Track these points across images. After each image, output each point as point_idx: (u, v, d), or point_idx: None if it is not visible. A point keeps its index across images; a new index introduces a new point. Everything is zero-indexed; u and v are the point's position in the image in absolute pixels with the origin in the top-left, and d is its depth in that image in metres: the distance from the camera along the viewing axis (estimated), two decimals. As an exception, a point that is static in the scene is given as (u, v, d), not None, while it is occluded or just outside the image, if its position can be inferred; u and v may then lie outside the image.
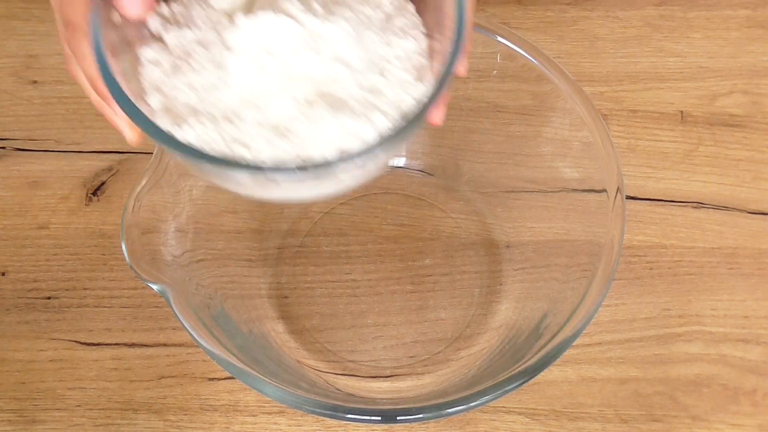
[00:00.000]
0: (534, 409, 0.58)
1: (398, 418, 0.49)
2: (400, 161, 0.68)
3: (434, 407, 0.48)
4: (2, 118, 0.69)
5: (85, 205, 0.65)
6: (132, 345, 0.60)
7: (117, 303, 0.61)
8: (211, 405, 0.58)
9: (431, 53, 0.40)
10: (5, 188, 0.66)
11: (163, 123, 0.38)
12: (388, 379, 0.59)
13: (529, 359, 0.50)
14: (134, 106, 0.37)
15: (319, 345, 0.60)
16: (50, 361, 0.59)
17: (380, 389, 0.58)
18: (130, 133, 0.43)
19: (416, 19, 0.42)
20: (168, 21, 0.40)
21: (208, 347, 0.49)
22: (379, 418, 0.49)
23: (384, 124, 0.38)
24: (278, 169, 0.36)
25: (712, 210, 0.65)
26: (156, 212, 0.53)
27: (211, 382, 0.59)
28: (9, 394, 0.58)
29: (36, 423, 0.57)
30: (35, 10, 0.74)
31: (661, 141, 0.68)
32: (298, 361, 0.58)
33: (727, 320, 0.61)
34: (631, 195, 0.65)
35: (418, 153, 0.67)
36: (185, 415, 0.58)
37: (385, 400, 0.55)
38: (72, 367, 0.59)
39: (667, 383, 0.59)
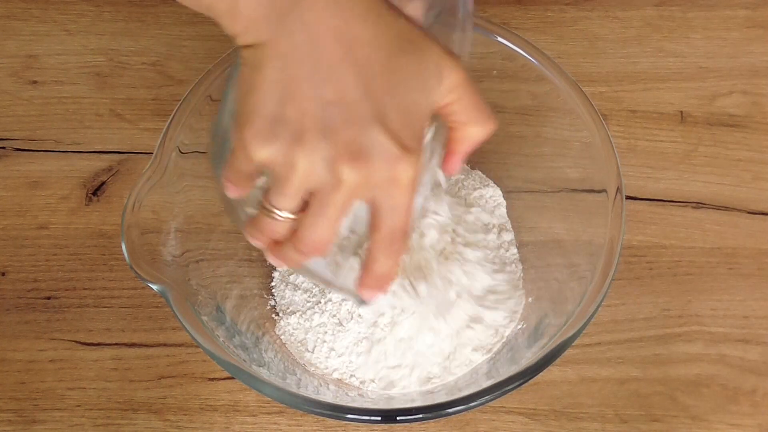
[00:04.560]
0: (534, 409, 0.58)
1: (398, 418, 0.49)
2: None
3: (434, 407, 0.48)
4: (2, 118, 0.69)
5: (85, 205, 0.65)
6: (132, 345, 0.60)
7: (117, 303, 0.61)
8: (211, 405, 0.58)
9: None
10: (5, 188, 0.66)
11: None
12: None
13: (529, 359, 0.50)
14: None
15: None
16: (50, 361, 0.59)
17: (380, 389, 0.57)
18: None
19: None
20: None
21: (208, 347, 0.49)
22: (379, 418, 0.49)
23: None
24: None
25: (711, 210, 0.65)
26: (156, 212, 0.53)
27: (211, 382, 0.59)
28: (9, 394, 0.58)
29: (36, 423, 0.57)
30: (35, 11, 0.74)
31: (661, 141, 0.68)
32: (298, 362, 0.58)
33: (727, 320, 0.61)
34: (631, 195, 0.65)
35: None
36: (185, 415, 0.58)
37: (385, 400, 0.55)
38: (72, 367, 0.59)
39: (666, 383, 0.59)
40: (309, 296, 0.59)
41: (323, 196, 0.37)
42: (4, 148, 0.68)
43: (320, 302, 0.58)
